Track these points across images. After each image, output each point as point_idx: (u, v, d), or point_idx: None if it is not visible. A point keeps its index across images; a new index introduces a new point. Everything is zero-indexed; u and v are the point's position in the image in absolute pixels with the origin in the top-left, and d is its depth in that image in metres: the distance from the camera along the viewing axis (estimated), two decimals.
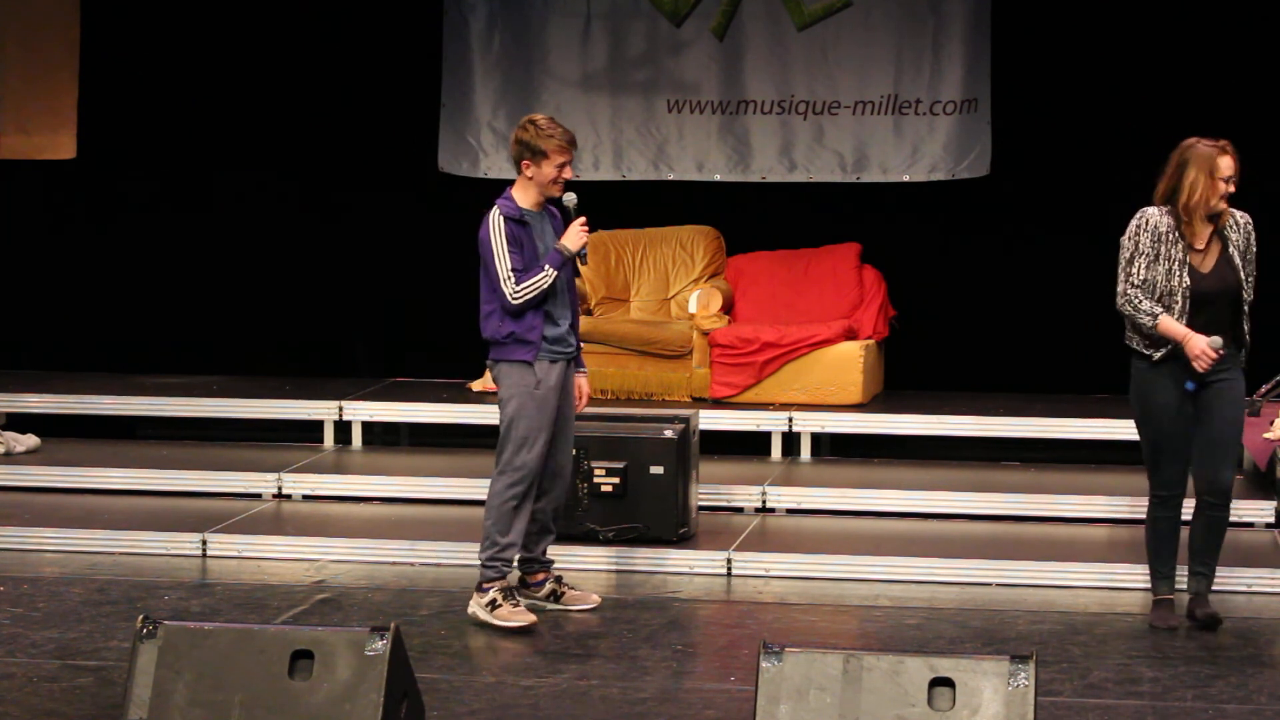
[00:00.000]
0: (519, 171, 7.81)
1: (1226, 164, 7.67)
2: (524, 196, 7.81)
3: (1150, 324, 7.63)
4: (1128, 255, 7.70)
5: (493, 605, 7.75)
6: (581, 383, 8.02)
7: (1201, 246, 7.68)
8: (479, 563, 7.84)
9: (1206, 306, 7.63)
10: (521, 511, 7.79)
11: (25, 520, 9.37)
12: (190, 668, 5.75)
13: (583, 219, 7.82)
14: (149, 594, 8.33)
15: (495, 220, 7.73)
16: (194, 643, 5.80)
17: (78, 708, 6.67)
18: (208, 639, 5.82)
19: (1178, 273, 7.62)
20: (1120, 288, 7.70)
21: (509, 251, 7.68)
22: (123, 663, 6.38)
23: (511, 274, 7.67)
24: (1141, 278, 7.64)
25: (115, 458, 10.33)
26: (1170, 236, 7.63)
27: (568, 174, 7.78)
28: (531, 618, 7.74)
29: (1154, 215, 7.69)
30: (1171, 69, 11.00)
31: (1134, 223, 7.73)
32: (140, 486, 10.00)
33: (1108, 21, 11.06)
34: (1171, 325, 7.60)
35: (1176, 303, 7.61)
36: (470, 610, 7.82)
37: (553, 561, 8.14)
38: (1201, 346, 7.56)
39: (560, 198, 7.87)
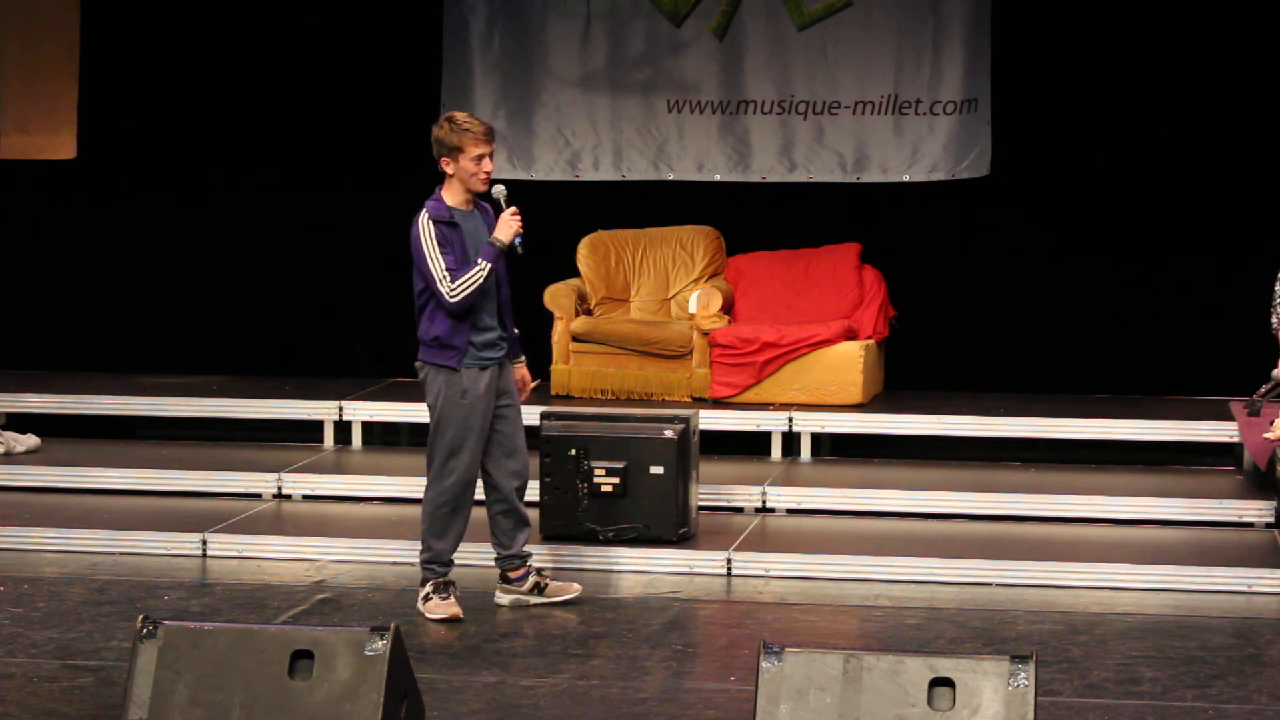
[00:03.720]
0: (441, 170, 7.80)
1: None
2: (451, 195, 7.80)
3: (1273, 332, 7.64)
4: None
5: (425, 598, 7.93)
6: (521, 371, 8.06)
7: None
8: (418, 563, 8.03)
9: None
10: (456, 517, 7.91)
11: (25, 520, 9.37)
12: (190, 668, 5.75)
13: (513, 209, 7.80)
14: (149, 594, 8.33)
15: (424, 224, 7.73)
16: (194, 643, 5.80)
17: (78, 708, 6.67)
18: (208, 639, 5.82)
19: None
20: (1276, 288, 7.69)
21: (441, 253, 7.69)
22: (123, 663, 6.38)
23: (446, 274, 7.68)
24: None
25: (115, 458, 10.33)
26: None
27: (487, 166, 7.73)
28: (456, 611, 7.86)
29: None
30: (1172, 68, 11.00)
31: None
32: (140, 486, 10.00)
33: (1108, 21, 11.05)
34: None
35: None
36: (417, 605, 7.99)
37: (531, 554, 8.17)
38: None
39: (488, 191, 7.84)
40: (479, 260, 7.72)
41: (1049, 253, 11.25)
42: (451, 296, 7.69)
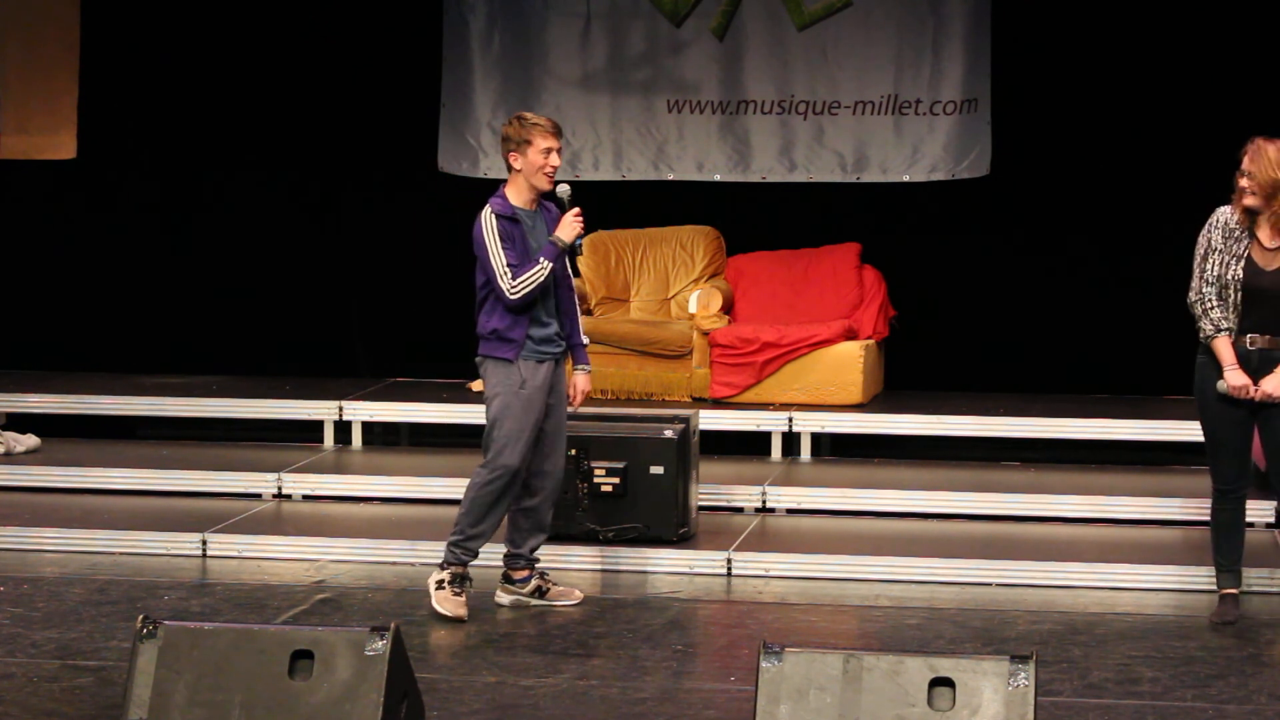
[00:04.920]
0: (509, 168, 7.86)
1: (1245, 161, 7.60)
2: (516, 194, 7.85)
3: (1204, 337, 7.62)
4: (1201, 252, 7.66)
5: (439, 585, 7.90)
6: (579, 380, 8.05)
7: (1271, 245, 7.61)
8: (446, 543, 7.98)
9: (1261, 303, 7.58)
10: (496, 507, 7.88)
11: (25, 520, 9.37)
12: (190, 668, 5.75)
13: (576, 210, 7.88)
14: (149, 594, 8.33)
15: (487, 218, 7.79)
16: (194, 643, 5.80)
17: (78, 708, 6.67)
18: (208, 639, 5.82)
19: (1232, 265, 7.58)
20: (1194, 284, 7.67)
21: (503, 248, 7.73)
22: (123, 663, 6.38)
23: (508, 269, 7.74)
24: (1215, 274, 7.61)
25: (115, 458, 10.33)
26: (1237, 232, 7.60)
27: (554, 160, 7.81)
28: (462, 613, 7.83)
29: (1224, 211, 7.66)
30: (1172, 68, 11.00)
31: (1208, 219, 7.69)
32: (140, 486, 10.00)
33: (1108, 21, 11.05)
34: (1221, 350, 7.58)
35: (1229, 295, 7.58)
36: (428, 581, 7.97)
37: (539, 560, 8.16)
38: (1230, 385, 7.56)
39: (553, 190, 7.90)
40: (540, 259, 7.76)
41: (1049, 253, 11.25)
42: (512, 293, 7.74)
